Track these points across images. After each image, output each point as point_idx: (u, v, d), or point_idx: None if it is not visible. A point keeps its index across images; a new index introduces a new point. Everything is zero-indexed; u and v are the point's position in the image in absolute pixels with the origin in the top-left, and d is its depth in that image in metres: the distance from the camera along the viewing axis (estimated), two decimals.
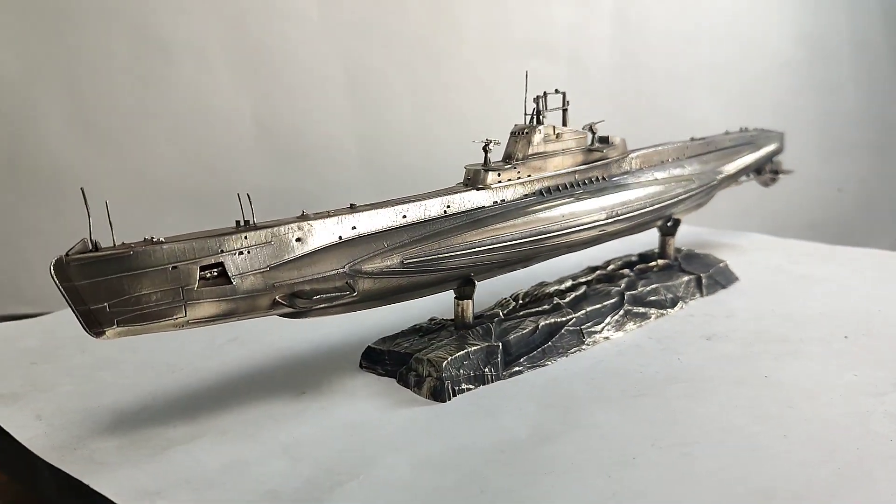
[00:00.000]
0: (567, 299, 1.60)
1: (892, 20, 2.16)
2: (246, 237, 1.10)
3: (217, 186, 2.75)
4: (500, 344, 1.38)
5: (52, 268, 0.96)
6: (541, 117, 1.52)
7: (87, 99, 2.70)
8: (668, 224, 1.84)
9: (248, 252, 1.10)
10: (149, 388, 1.35)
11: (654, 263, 1.85)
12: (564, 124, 1.58)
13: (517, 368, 1.38)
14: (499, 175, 1.43)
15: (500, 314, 1.52)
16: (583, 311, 1.54)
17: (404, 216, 1.29)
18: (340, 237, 1.21)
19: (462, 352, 1.32)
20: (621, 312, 1.60)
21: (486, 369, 1.34)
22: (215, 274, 1.07)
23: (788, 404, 1.22)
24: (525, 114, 1.53)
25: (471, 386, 1.31)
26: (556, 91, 1.53)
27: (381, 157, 2.84)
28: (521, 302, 1.61)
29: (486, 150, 1.43)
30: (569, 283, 1.71)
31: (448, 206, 1.35)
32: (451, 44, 2.70)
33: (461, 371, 1.31)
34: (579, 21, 2.55)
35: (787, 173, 2.18)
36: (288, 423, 1.21)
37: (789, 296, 1.79)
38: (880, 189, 2.36)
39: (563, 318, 1.50)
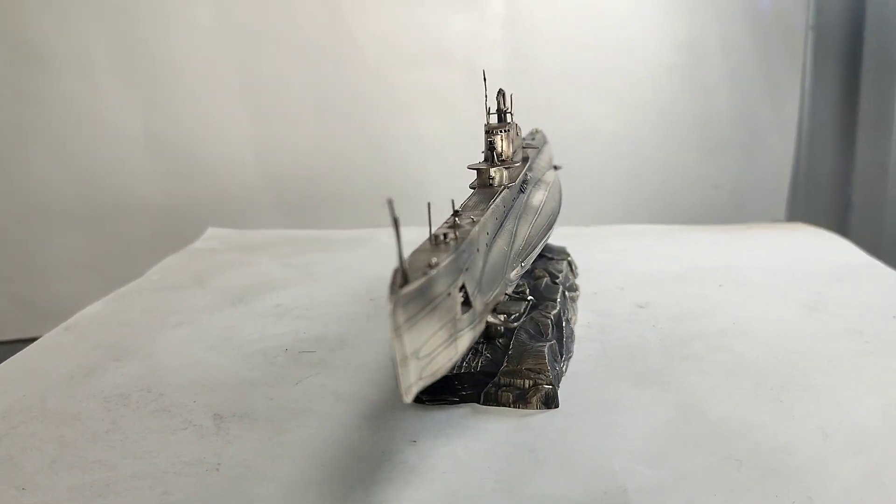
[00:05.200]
0: (529, 297, 1.63)
1: (755, 27, 2.56)
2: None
3: (107, 204, 2.49)
4: (555, 340, 1.37)
5: (393, 305, 0.66)
6: (504, 114, 1.52)
7: None
8: None
9: (468, 268, 0.91)
10: None
11: None
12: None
13: (564, 361, 1.39)
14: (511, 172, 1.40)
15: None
16: (558, 301, 1.60)
17: (497, 218, 1.19)
18: (487, 244, 1.07)
19: (547, 355, 1.28)
20: (568, 298, 1.70)
21: (558, 367, 1.32)
22: (464, 298, 0.87)
23: (795, 337, 1.47)
24: (488, 112, 1.51)
25: (558, 386, 1.28)
26: (501, 91, 1.55)
27: (282, 168, 2.54)
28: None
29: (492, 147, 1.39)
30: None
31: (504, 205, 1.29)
32: (350, 52, 2.51)
33: (552, 373, 1.27)
34: (472, 27, 2.52)
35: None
36: (485, 472, 1.03)
37: (630, 266, 2.09)
38: (749, 185, 2.75)
39: (558, 310, 1.54)
